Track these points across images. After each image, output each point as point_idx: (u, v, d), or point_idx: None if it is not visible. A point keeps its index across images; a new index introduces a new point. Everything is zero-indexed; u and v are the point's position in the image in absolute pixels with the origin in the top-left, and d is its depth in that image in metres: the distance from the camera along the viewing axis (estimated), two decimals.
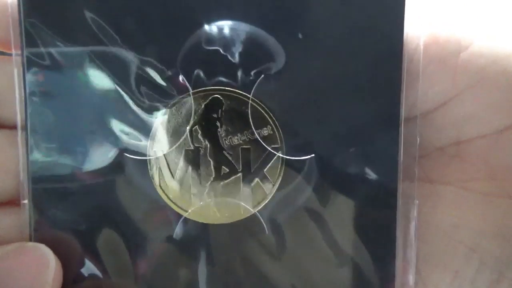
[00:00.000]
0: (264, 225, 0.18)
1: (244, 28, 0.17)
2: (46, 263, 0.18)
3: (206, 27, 0.17)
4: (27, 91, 0.18)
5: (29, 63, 0.18)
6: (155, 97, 0.18)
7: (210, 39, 0.18)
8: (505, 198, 0.18)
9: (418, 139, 0.18)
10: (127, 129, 0.18)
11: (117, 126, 0.18)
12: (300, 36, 0.17)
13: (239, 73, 0.18)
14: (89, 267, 0.19)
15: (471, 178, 0.19)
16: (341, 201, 0.18)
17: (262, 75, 0.18)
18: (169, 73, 0.18)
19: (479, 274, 0.18)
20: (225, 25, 0.18)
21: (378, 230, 0.18)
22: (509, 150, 0.18)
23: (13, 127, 0.18)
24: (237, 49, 0.18)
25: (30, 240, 0.18)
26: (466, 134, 0.19)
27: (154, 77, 0.18)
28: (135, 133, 0.18)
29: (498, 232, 0.18)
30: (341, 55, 0.18)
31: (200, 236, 0.18)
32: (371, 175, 0.18)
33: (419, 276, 0.19)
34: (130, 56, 0.18)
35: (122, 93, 0.18)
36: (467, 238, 0.18)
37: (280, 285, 0.19)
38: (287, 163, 0.18)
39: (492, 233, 0.18)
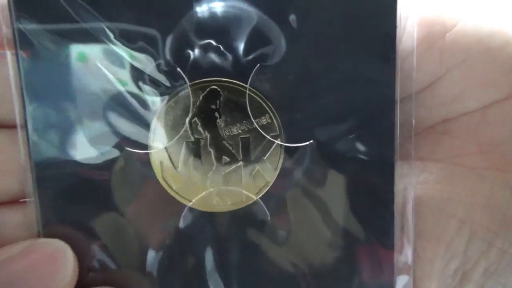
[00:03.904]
0: (267, 211, 0.19)
1: (237, 12, 0.17)
2: (63, 256, 0.18)
3: (198, 14, 0.17)
4: (24, 89, 0.18)
5: (24, 61, 0.18)
6: (153, 90, 0.18)
7: (202, 28, 0.17)
8: (493, 171, 0.19)
9: (413, 120, 0.18)
10: (127, 123, 0.18)
11: (116, 120, 0.18)
12: (293, 20, 0.17)
13: (235, 63, 0.18)
14: (100, 259, 0.19)
15: (461, 153, 0.19)
16: (341, 185, 0.19)
17: (258, 64, 0.18)
18: (164, 66, 0.18)
19: (470, 244, 0.19)
20: (217, 11, 0.17)
21: (377, 212, 0.19)
22: (495, 124, 0.19)
23: (12, 126, 0.18)
24: (231, 38, 0.18)
25: (39, 237, 0.19)
26: (453, 111, 0.19)
27: (150, 71, 0.18)
28: (136, 127, 0.18)
29: (487, 203, 0.19)
30: (335, 40, 0.18)
31: (204, 225, 0.19)
32: (370, 157, 0.18)
33: (414, 251, 0.19)
34: (124, 50, 0.18)
35: (120, 88, 0.18)
36: (458, 211, 0.19)
37: (284, 269, 0.19)
38: (287, 150, 0.18)
39: (482, 204, 0.19)
